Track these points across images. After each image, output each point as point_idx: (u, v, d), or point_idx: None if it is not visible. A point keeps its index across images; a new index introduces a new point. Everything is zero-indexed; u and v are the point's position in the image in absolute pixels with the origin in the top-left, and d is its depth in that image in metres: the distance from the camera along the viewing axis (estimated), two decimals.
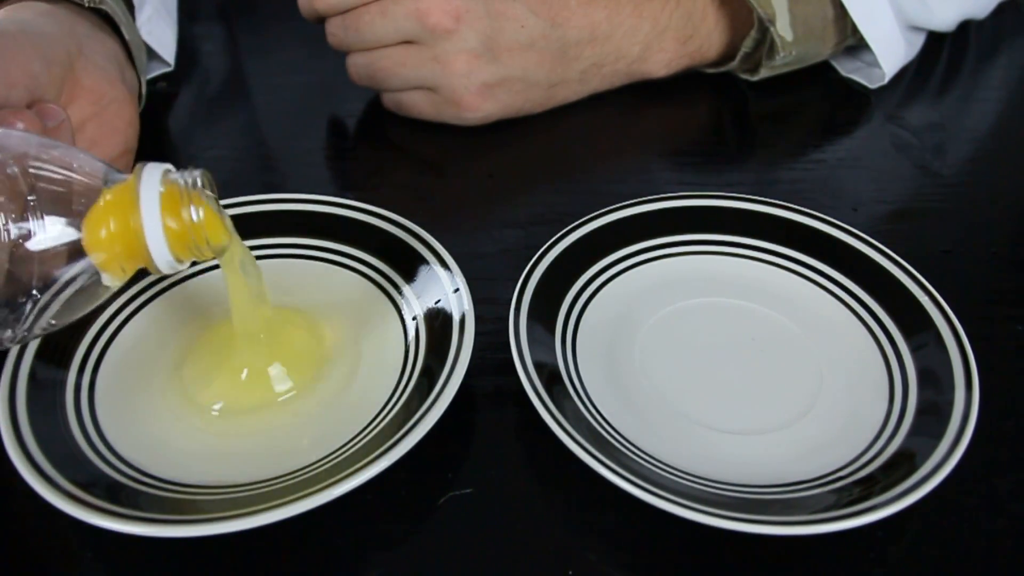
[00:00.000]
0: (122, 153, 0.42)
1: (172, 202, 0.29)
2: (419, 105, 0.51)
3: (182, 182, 0.29)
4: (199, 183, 0.30)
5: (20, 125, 0.33)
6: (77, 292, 0.29)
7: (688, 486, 0.31)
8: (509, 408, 0.35)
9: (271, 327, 0.36)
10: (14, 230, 0.27)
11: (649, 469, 0.31)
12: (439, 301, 0.37)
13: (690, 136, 0.55)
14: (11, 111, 0.33)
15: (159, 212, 0.28)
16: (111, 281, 0.30)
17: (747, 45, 0.53)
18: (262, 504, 0.28)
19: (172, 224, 0.29)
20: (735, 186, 0.46)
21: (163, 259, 0.29)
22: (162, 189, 0.29)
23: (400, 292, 0.39)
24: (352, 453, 0.31)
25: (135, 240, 0.29)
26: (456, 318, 0.35)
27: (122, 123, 0.41)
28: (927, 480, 0.29)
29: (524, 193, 0.49)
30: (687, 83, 0.56)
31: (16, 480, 0.30)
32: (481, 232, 0.45)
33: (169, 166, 0.30)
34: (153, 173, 0.29)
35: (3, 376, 0.33)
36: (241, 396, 0.35)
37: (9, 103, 0.34)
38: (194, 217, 0.29)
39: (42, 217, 0.27)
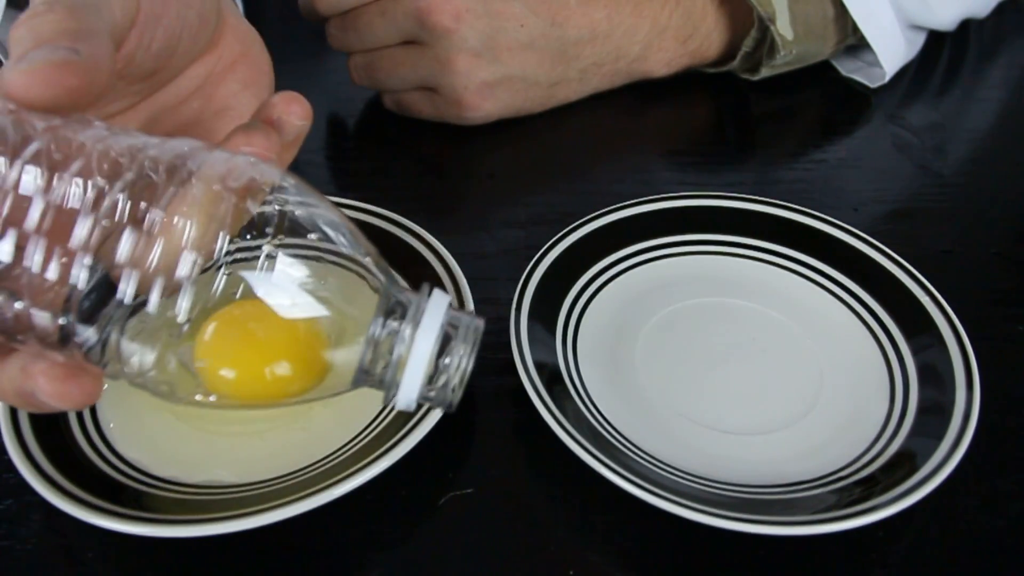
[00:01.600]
0: (267, 97, 0.40)
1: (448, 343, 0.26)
2: (419, 105, 0.51)
3: (464, 328, 0.26)
4: (477, 333, 0.26)
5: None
6: None
7: (688, 486, 0.31)
8: (509, 408, 0.35)
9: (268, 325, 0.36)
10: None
11: (649, 469, 0.31)
12: None
13: (690, 136, 0.55)
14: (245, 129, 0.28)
15: (434, 347, 0.25)
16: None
17: (747, 44, 0.53)
18: (262, 504, 0.28)
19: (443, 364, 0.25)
20: (735, 186, 0.46)
21: (408, 398, 0.25)
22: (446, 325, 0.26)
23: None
24: (352, 453, 0.31)
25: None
26: None
27: (265, 64, 0.39)
28: (928, 480, 0.29)
29: (524, 193, 0.49)
30: (687, 83, 0.56)
31: (16, 480, 0.30)
32: (481, 232, 0.45)
33: (452, 300, 0.27)
34: (442, 302, 0.26)
35: None
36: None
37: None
38: (466, 366, 0.26)
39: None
